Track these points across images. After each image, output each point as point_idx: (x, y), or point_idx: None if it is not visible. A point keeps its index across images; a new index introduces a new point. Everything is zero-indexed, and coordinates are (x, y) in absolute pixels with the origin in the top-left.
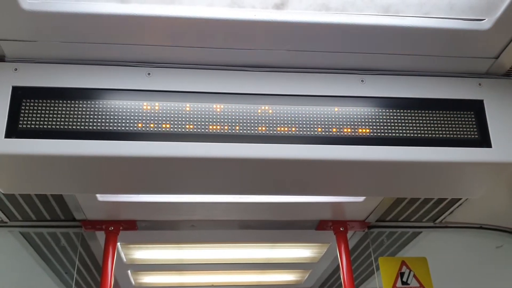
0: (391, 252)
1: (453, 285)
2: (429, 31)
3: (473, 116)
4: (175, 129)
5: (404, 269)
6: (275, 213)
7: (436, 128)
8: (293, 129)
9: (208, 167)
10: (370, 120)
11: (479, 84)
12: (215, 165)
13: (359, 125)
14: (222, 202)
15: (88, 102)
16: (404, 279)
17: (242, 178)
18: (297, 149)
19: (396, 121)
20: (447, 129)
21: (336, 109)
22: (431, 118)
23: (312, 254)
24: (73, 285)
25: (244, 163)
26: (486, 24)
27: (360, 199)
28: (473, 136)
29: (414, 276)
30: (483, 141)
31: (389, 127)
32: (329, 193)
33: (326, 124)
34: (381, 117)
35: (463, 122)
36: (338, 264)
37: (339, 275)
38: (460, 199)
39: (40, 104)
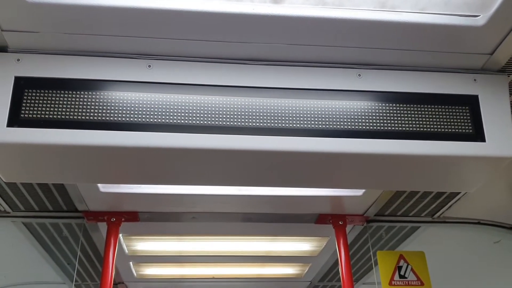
0: (389, 246)
1: (451, 280)
2: (425, 27)
3: (468, 111)
4: (175, 121)
5: (402, 263)
6: (275, 206)
7: (432, 122)
8: (291, 122)
9: (206, 158)
10: (367, 113)
11: (474, 80)
12: (212, 156)
13: (356, 118)
14: (223, 194)
15: (89, 92)
16: (402, 273)
17: (242, 170)
18: (294, 141)
19: (392, 115)
20: (442, 123)
21: (333, 103)
22: (427, 112)
23: (312, 247)
24: (75, 276)
25: (242, 155)
26: (481, 20)
27: (359, 193)
28: (467, 131)
29: (412, 270)
30: (477, 135)
31: (385, 121)
32: (327, 185)
33: (323, 117)
34: (377, 111)
35: (458, 117)
36: (338, 258)
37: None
38: (458, 194)
39: (41, 94)
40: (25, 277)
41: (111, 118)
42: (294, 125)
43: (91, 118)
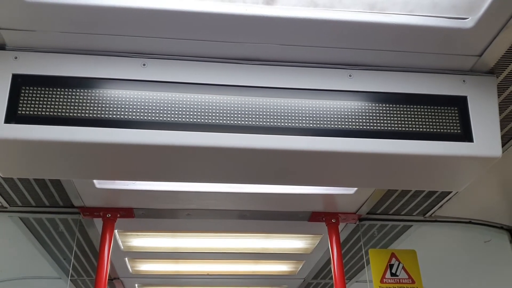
0: (382, 245)
1: (442, 278)
2: (414, 29)
3: (456, 111)
4: (169, 118)
5: (393, 261)
6: (269, 203)
7: (421, 122)
8: (282, 121)
9: (199, 156)
10: (357, 113)
11: (463, 81)
12: (205, 154)
13: (346, 118)
14: (217, 192)
15: (85, 90)
16: (393, 271)
17: (233, 168)
18: (286, 140)
19: (382, 115)
20: (431, 123)
21: (324, 102)
22: (416, 113)
23: (305, 245)
24: (71, 271)
25: (234, 153)
26: (469, 22)
27: (351, 191)
28: (456, 131)
29: (403, 268)
30: (465, 135)
31: (375, 121)
32: (318, 183)
33: (314, 116)
34: (367, 110)
35: (447, 117)
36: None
37: None
38: (450, 193)
39: (38, 92)
40: (21, 272)
41: (107, 116)
42: (285, 124)
43: (87, 115)
